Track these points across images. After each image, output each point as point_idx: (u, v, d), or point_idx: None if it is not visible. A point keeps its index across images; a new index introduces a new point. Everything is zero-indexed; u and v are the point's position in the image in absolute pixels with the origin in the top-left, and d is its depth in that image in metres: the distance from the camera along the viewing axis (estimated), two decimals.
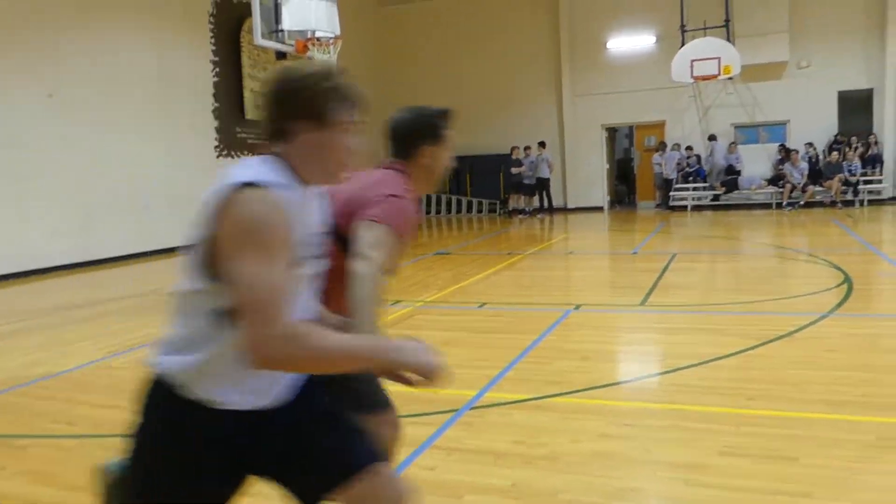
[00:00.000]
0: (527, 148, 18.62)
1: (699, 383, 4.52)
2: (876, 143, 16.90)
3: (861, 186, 16.38)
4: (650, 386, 4.46)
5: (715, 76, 16.07)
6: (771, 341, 5.19)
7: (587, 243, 12.99)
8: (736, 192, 17.50)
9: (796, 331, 5.43)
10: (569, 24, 19.07)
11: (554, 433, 3.65)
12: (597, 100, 19.10)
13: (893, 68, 16.62)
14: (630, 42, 18.71)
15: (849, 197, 16.35)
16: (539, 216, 18.27)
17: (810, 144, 17.11)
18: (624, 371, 4.64)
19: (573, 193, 19.72)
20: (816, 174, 16.66)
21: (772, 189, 17.14)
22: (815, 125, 17.38)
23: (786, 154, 17.04)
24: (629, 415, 3.93)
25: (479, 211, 20.07)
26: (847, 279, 7.43)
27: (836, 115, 17.42)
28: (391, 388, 2.03)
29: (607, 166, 19.98)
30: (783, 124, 17.89)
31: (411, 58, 20.62)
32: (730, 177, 17.55)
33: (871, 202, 16.42)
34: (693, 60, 16.11)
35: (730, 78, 16.63)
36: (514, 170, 18.53)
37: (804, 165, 16.72)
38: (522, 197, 18.74)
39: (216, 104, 14.64)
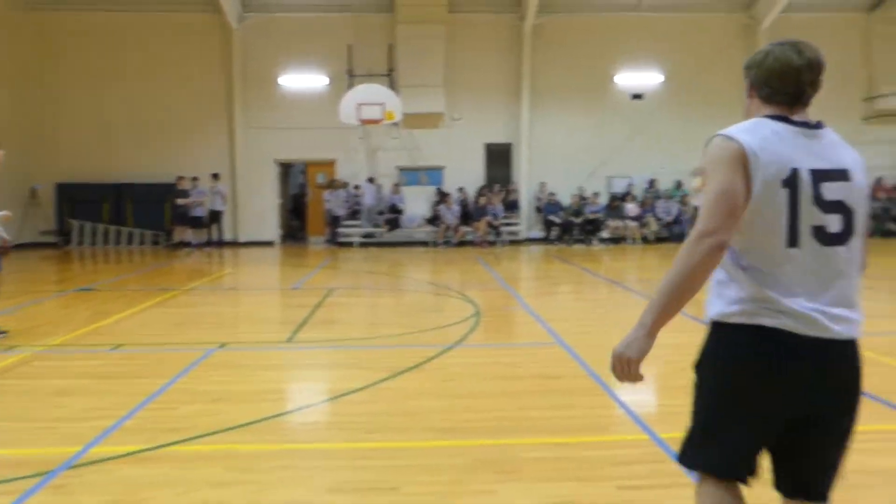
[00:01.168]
0: (195, 178, 17.82)
1: (325, 419, 4.61)
2: (514, 190, 19.30)
3: (503, 228, 18.52)
4: (275, 426, 4.41)
5: (379, 121, 17.03)
6: (401, 373, 5.50)
7: (251, 278, 12.75)
8: (398, 229, 18.63)
9: (425, 362, 5.84)
10: (242, 56, 18.81)
11: (161, 487, 3.41)
12: (270, 134, 19.04)
13: (526, 128, 19.22)
14: (302, 80, 19.03)
15: (492, 238, 18.37)
16: (207, 250, 17.56)
17: (462, 189, 18.95)
18: (252, 412, 4.54)
19: (244, 227, 19.30)
20: (467, 216, 18.46)
21: (430, 228, 18.57)
22: (466, 172, 19.33)
23: (442, 197, 18.63)
24: (247, 458, 3.83)
25: (142, 243, 18.62)
26: (477, 312, 8.25)
27: (483, 163, 19.56)
28: None
29: (280, 201, 20.01)
30: (440, 169, 19.56)
31: (65, 71, 18.62)
32: (393, 215, 18.64)
33: (510, 242, 18.62)
34: (359, 104, 16.91)
35: (394, 123, 17.76)
36: (179, 201, 17.59)
37: (457, 208, 18.42)
38: (189, 229, 17.85)
39: None
